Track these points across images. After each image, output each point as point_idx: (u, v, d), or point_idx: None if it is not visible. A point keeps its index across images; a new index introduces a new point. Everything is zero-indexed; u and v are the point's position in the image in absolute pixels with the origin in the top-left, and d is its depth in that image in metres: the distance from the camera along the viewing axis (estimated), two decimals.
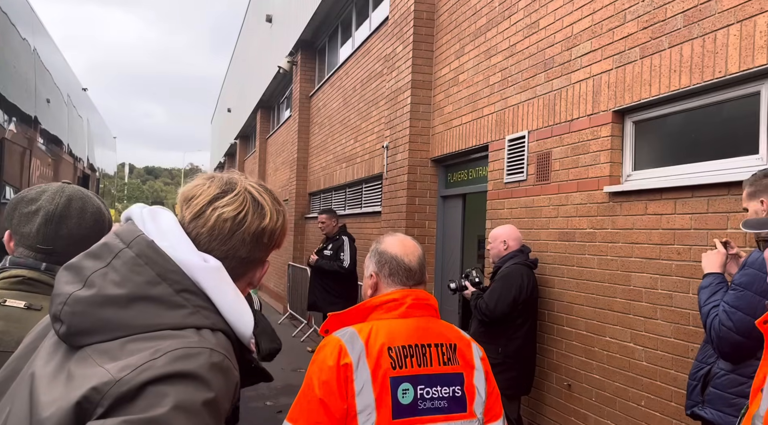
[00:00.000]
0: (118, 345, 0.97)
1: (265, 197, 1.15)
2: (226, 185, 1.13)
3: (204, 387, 0.94)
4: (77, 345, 1.00)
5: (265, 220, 1.13)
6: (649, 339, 3.67)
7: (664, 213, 3.60)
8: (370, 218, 8.89)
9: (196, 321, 1.02)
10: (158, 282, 1.01)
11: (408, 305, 2.06)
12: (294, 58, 13.62)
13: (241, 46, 25.79)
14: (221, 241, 1.09)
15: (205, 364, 0.96)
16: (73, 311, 1.00)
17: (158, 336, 0.98)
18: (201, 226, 1.09)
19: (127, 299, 1.00)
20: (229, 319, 1.06)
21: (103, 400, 0.90)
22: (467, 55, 6.09)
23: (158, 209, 1.12)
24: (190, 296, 1.03)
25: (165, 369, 0.92)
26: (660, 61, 3.63)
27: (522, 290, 4.29)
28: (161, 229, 1.07)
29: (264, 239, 1.13)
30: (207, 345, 0.99)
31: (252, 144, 22.97)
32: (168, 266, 1.03)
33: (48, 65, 6.56)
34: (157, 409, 0.89)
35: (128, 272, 1.01)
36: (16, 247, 1.57)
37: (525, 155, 4.97)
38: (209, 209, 1.09)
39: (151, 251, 1.03)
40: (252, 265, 1.16)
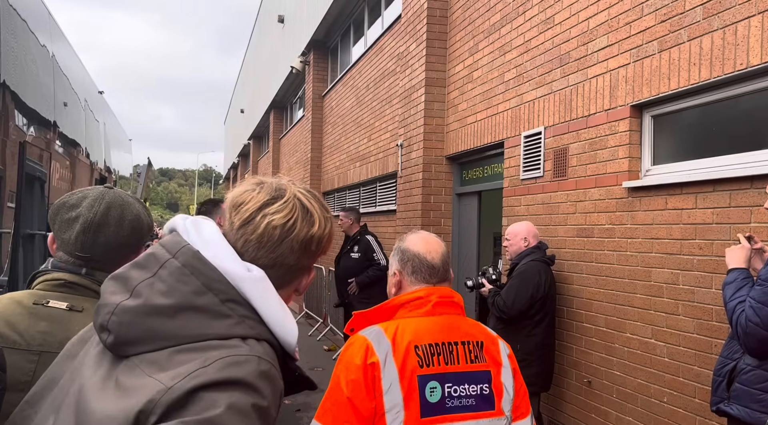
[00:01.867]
0: (167, 355, 0.98)
1: (314, 203, 1.15)
2: (276, 191, 1.12)
3: (254, 393, 0.95)
4: (124, 355, 1.01)
5: (314, 227, 1.12)
6: (671, 334, 3.65)
7: (685, 208, 3.57)
8: (385, 216, 8.89)
9: (242, 331, 1.02)
10: (204, 292, 1.02)
11: (433, 303, 2.06)
12: (306, 57, 13.65)
13: (253, 47, 25.89)
14: (270, 248, 1.09)
15: (254, 371, 0.96)
16: (120, 321, 1.01)
17: (206, 347, 0.98)
18: (250, 233, 1.09)
19: (174, 309, 1.00)
20: (274, 329, 1.07)
21: (155, 408, 0.91)
22: (481, 51, 6.07)
23: (200, 220, 1.13)
24: (235, 306, 1.03)
25: (216, 376, 0.93)
26: (679, 54, 3.60)
27: (539, 287, 4.27)
28: (205, 239, 1.08)
29: (312, 246, 1.13)
30: (254, 354, 0.99)
31: (265, 144, 23.06)
32: (213, 275, 1.03)
33: (66, 70, 6.63)
34: (212, 410, 0.90)
35: (175, 282, 1.02)
36: (57, 251, 1.59)
37: (541, 151, 4.95)
38: (259, 215, 1.09)
39: (196, 261, 1.04)
40: (299, 272, 1.16)
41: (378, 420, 1.87)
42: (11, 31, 4.08)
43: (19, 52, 4.29)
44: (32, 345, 1.42)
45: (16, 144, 4.18)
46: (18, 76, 4.23)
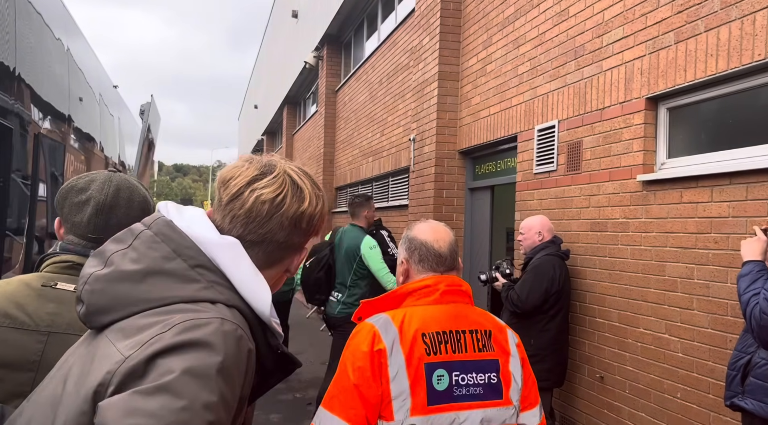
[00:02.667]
0: (133, 322, 0.97)
1: (304, 180, 1.13)
2: (265, 166, 1.11)
3: (213, 352, 0.92)
4: (98, 326, 1.01)
5: (304, 204, 1.10)
6: (684, 329, 3.60)
7: (701, 201, 3.52)
8: (398, 211, 8.88)
9: (210, 295, 1.00)
10: (173, 257, 1.01)
11: (441, 291, 2.05)
12: (320, 52, 13.65)
13: (267, 43, 25.96)
14: (259, 224, 1.07)
15: (214, 332, 0.93)
16: (92, 290, 1.01)
17: (170, 310, 0.97)
18: (238, 208, 1.07)
19: (142, 274, 1.00)
20: (246, 295, 1.04)
21: (113, 378, 0.89)
22: (495, 45, 6.03)
23: (186, 206, 1.14)
24: (204, 271, 1.02)
25: (172, 340, 0.91)
26: (696, 45, 3.55)
27: (553, 282, 4.24)
28: (183, 215, 1.09)
29: (302, 223, 1.11)
30: (218, 316, 0.97)
31: (279, 140, 23.13)
32: (183, 242, 1.03)
33: (81, 65, 6.68)
34: (167, 376, 0.87)
35: (145, 249, 1.03)
36: (66, 234, 1.60)
37: (555, 144, 4.90)
38: (247, 190, 1.07)
39: (167, 229, 1.05)
40: (290, 250, 1.14)
41: (385, 406, 1.86)
42: (27, 25, 4.12)
43: (34, 45, 4.33)
44: (41, 326, 1.44)
45: (31, 137, 4.22)
46: (33, 69, 4.27)
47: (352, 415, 1.86)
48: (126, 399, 0.86)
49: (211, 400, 0.89)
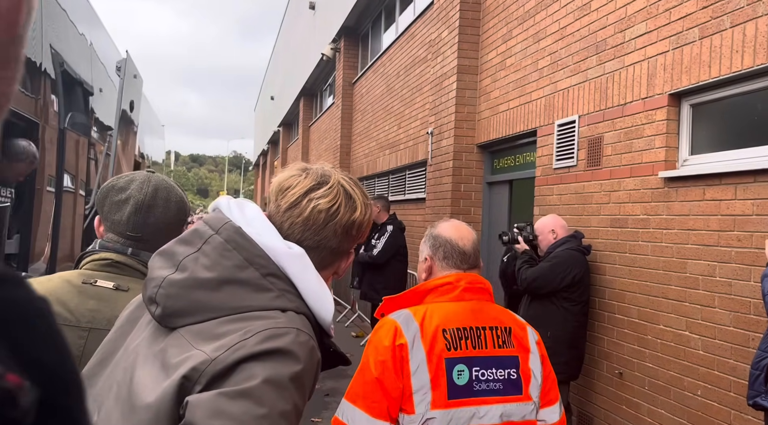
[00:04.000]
0: (211, 327, 1.03)
1: (356, 190, 1.20)
2: (321, 177, 1.17)
3: (291, 361, 1.00)
4: (171, 327, 1.07)
5: (355, 213, 1.18)
6: (706, 327, 3.59)
7: (724, 199, 3.49)
8: (414, 204, 8.89)
9: (282, 304, 1.07)
10: (246, 266, 1.07)
11: (462, 288, 2.07)
12: (337, 44, 13.65)
13: (283, 34, 25.97)
14: (314, 231, 1.14)
15: (292, 342, 1.01)
16: (167, 294, 1.07)
17: (248, 318, 1.04)
18: (296, 216, 1.14)
19: (217, 283, 1.06)
20: (311, 304, 1.11)
21: (201, 378, 0.97)
22: (515, 38, 5.99)
23: (244, 201, 1.18)
24: (275, 281, 1.08)
25: (255, 348, 0.99)
26: (721, 41, 3.50)
27: (564, 278, 4.25)
28: (247, 217, 1.13)
29: (353, 231, 1.18)
30: (293, 326, 1.04)
31: (295, 132, 23.20)
32: (255, 251, 1.08)
33: (103, 59, 6.75)
34: (249, 382, 0.96)
35: (218, 257, 1.07)
36: (106, 232, 1.65)
37: (575, 140, 4.88)
38: (305, 200, 1.14)
39: (238, 236, 1.09)
40: (339, 256, 1.21)
41: (406, 400, 1.90)
42: (51, 21, 4.17)
43: (59, 41, 4.38)
44: (82, 322, 1.49)
45: (55, 131, 4.28)
46: (57, 64, 4.32)
47: (374, 408, 1.90)
48: (212, 399, 0.95)
49: (287, 409, 0.98)
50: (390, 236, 6.97)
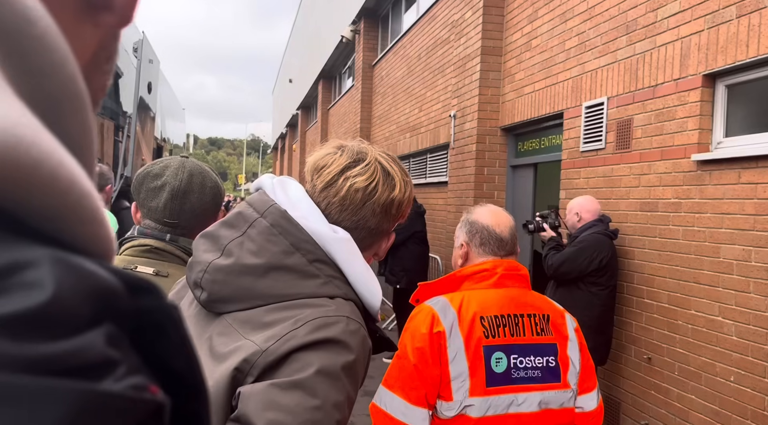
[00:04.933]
0: (258, 315, 1.01)
1: (394, 167, 1.15)
2: (357, 154, 1.13)
3: (344, 350, 0.98)
4: (217, 312, 1.05)
5: (395, 191, 1.13)
6: (740, 313, 3.53)
7: (761, 182, 3.41)
8: (436, 188, 8.85)
9: (329, 291, 1.04)
10: (293, 252, 1.04)
11: (500, 275, 2.06)
12: (357, 26, 13.54)
13: (301, 17, 25.85)
14: (352, 211, 1.10)
15: (343, 330, 0.99)
16: (213, 279, 1.04)
17: (296, 306, 1.01)
18: (333, 195, 1.10)
19: (264, 269, 1.03)
20: (359, 289, 1.08)
21: (252, 369, 0.96)
22: (541, 19, 5.88)
23: (287, 180, 1.15)
24: (322, 266, 1.05)
25: (307, 338, 0.97)
26: (760, 19, 3.40)
27: (592, 262, 4.21)
28: (291, 199, 1.09)
29: (393, 209, 1.14)
30: (343, 314, 1.02)
31: (314, 115, 23.16)
32: (301, 236, 1.05)
33: (125, 45, 6.75)
34: (302, 373, 0.94)
35: (264, 242, 1.04)
36: (143, 219, 1.65)
37: (604, 122, 4.80)
38: (341, 178, 1.10)
39: (284, 221, 1.06)
40: (379, 236, 1.16)
41: (444, 387, 1.90)
42: None
43: None
44: None
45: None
46: None
47: (412, 395, 1.90)
48: (265, 390, 0.93)
49: (340, 399, 0.96)
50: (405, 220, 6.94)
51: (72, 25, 0.32)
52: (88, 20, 0.33)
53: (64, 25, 0.31)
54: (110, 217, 5.26)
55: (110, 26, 0.34)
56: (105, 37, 0.35)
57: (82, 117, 0.29)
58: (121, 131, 6.45)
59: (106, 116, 5.77)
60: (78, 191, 0.25)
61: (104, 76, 0.37)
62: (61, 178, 0.24)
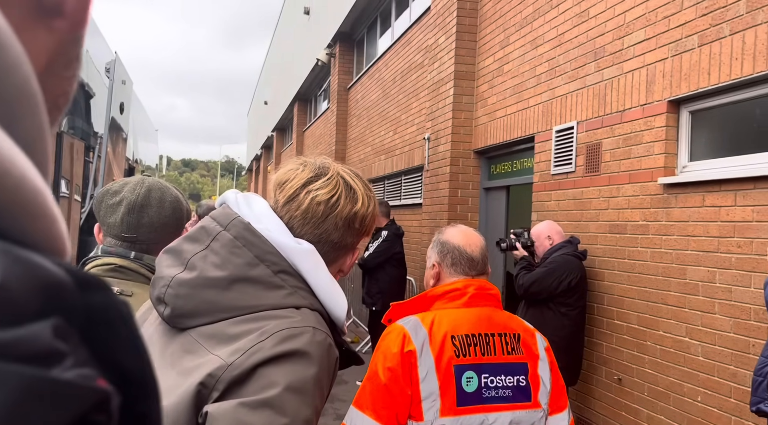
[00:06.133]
0: (223, 328, 1.00)
1: (357, 181, 1.16)
2: (319, 169, 1.14)
3: (310, 362, 0.97)
4: (181, 327, 1.04)
5: (357, 204, 1.14)
6: (706, 333, 3.60)
7: (724, 205, 3.51)
8: (410, 210, 8.89)
9: (295, 301, 1.04)
10: (257, 264, 1.04)
11: (471, 295, 2.07)
12: (332, 50, 13.66)
13: (277, 39, 25.98)
14: (314, 224, 1.11)
15: (309, 341, 0.99)
16: (176, 294, 1.03)
17: (261, 317, 1.00)
18: (295, 209, 1.11)
19: (228, 281, 1.02)
20: (324, 301, 1.08)
21: (218, 384, 0.94)
22: (512, 45, 6.02)
23: (251, 195, 1.15)
24: (287, 277, 1.05)
25: (273, 351, 0.96)
26: (720, 48, 3.53)
27: (561, 283, 4.26)
28: (255, 213, 1.10)
29: (356, 223, 1.15)
30: (309, 324, 1.01)
31: (289, 136, 23.17)
32: (265, 247, 1.05)
33: (97, 64, 6.71)
34: (270, 390, 0.93)
35: (228, 255, 1.04)
36: (105, 237, 1.63)
37: (573, 146, 4.90)
38: (303, 192, 1.11)
39: (248, 233, 1.06)
40: (343, 251, 1.17)
41: (414, 407, 1.90)
42: None
43: None
44: None
45: (53, 136, 4.25)
46: None
47: (383, 415, 1.89)
48: (233, 410, 0.92)
49: (308, 414, 0.95)
50: (384, 240, 6.93)
51: (24, 29, 0.32)
52: (40, 25, 0.33)
53: (16, 29, 0.32)
54: None
55: (64, 31, 0.34)
56: (61, 42, 0.35)
57: (36, 118, 0.29)
58: (92, 152, 6.37)
59: (77, 136, 5.71)
60: (29, 187, 0.25)
61: (64, 81, 0.37)
62: (12, 174, 0.24)
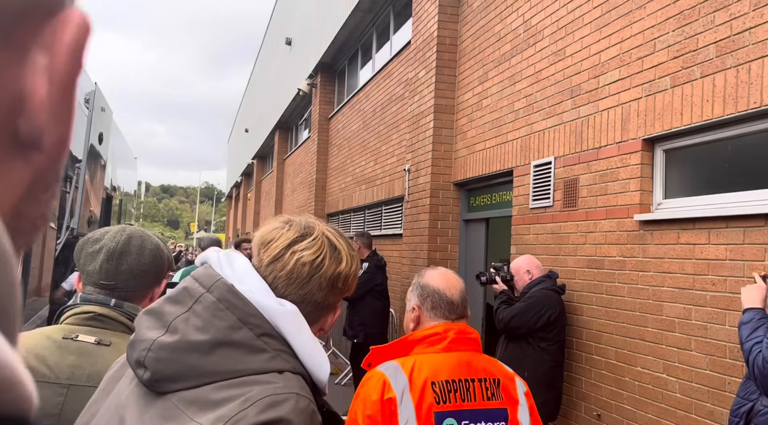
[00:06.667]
0: (206, 393, 0.99)
1: (341, 241, 1.17)
2: (305, 229, 1.15)
3: None
4: (161, 392, 1.02)
5: (341, 265, 1.15)
6: (683, 370, 3.63)
7: (698, 243, 3.57)
8: (391, 240, 8.89)
9: (278, 365, 1.03)
10: (240, 327, 1.03)
11: (450, 339, 2.07)
12: (314, 80, 13.76)
13: (259, 68, 26.13)
14: (299, 285, 1.11)
15: (293, 409, 0.98)
16: (157, 358, 1.02)
17: (244, 383, 0.99)
18: (279, 269, 1.11)
19: (211, 345, 1.01)
20: (307, 363, 1.08)
21: None
22: (491, 80, 6.12)
23: (233, 254, 1.15)
24: (270, 340, 1.04)
25: (257, 419, 0.95)
26: (692, 90, 3.63)
27: (540, 317, 4.29)
28: (238, 273, 1.09)
29: (339, 283, 1.15)
30: (292, 390, 1.01)
31: (269, 164, 23.15)
32: (248, 310, 1.04)
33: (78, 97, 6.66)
34: None
35: (210, 317, 1.03)
36: (84, 286, 1.62)
37: (551, 180, 4.97)
38: (288, 252, 1.11)
39: (231, 295, 1.05)
40: (325, 310, 1.17)
41: None
42: None
43: None
44: (61, 378, 1.45)
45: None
46: None
47: None
48: None
49: None
50: (364, 272, 6.91)
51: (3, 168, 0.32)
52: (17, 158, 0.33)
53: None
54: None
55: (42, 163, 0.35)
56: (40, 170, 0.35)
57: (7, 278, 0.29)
58: (69, 183, 6.30)
59: None
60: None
61: (42, 204, 0.37)
62: None
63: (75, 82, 0.35)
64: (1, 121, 0.31)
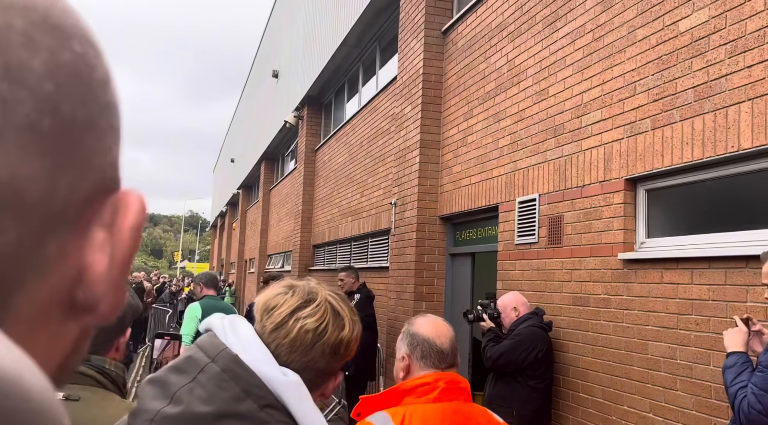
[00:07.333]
0: None
1: (343, 306, 1.19)
2: (308, 295, 1.16)
3: None
4: None
5: (344, 331, 1.16)
6: (669, 410, 3.64)
7: (681, 283, 3.62)
8: (377, 273, 8.89)
9: None
10: (244, 398, 1.04)
11: (441, 389, 2.07)
12: (300, 112, 13.87)
13: (245, 99, 26.28)
14: (302, 352, 1.12)
15: None
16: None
17: None
18: (282, 337, 1.12)
19: (214, 416, 1.02)
20: None
21: None
22: (476, 117, 6.22)
23: (236, 320, 1.15)
24: (273, 412, 1.05)
25: None
26: (672, 133, 3.73)
27: (528, 355, 4.29)
28: (242, 341, 1.10)
29: (341, 349, 1.16)
30: None
31: (255, 194, 23.12)
32: (252, 381, 1.05)
33: None
34: None
35: (214, 389, 1.04)
36: None
37: (536, 217, 5.03)
38: (291, 319, 1.12)
39: (236, 366, 1.06)
40: (327, 376, 1.18)
41: None
42: None
43: None
44: None
45: None
46: None
47: None
48: None
49: None
50: (355, 304, 6.89)
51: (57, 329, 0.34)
52: (71, 320, 0.35)
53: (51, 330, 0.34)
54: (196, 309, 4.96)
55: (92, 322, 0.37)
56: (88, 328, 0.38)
57: None
58: None
59: None
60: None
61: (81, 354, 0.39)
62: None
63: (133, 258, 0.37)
64: (63, 290, 0.33)
